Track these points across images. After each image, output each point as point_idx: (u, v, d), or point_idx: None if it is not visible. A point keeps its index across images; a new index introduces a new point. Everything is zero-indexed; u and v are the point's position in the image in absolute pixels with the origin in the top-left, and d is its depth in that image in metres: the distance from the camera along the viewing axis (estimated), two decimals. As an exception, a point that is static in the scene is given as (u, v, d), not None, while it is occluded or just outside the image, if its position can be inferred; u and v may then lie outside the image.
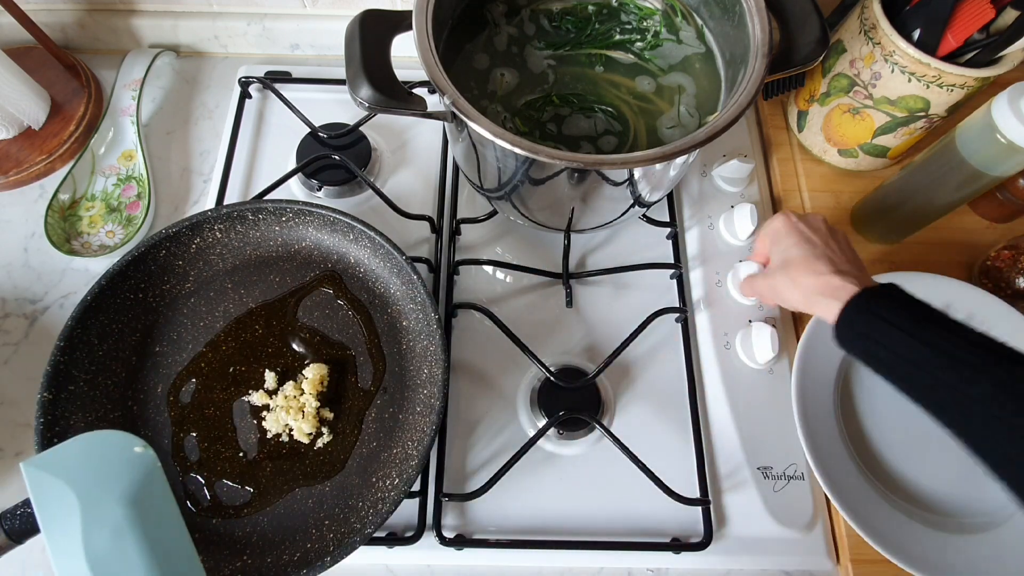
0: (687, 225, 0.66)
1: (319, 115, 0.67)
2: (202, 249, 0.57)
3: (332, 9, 0.72)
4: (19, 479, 0.54)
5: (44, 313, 0.61)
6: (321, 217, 0.56)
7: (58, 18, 0.71)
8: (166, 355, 0.55)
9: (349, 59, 0.47)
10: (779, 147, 0.71)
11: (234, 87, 0.72)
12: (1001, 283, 0.61)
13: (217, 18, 0.72)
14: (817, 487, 0.54)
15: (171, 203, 0.67)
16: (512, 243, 0.65)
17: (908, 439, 0.56)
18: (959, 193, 0.55)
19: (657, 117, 0.55)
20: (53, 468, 0.27)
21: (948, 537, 0.51)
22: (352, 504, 0.50)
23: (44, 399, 0.47)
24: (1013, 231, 0.66)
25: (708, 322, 0.61)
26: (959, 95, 0.56)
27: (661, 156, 0.45)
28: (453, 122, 0.50)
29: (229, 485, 0.51)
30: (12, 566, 0.52)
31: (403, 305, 0.57)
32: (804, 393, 0.55)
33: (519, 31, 0.58)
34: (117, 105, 0.69)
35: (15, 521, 0.45)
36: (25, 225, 0.64)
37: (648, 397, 0.59)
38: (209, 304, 0.57)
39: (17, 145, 0.66)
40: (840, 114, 0.63)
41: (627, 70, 0.57)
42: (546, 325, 0.61)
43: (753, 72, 0.48)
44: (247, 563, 0.48)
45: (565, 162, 0.44)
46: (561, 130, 0.54)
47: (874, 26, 0.56)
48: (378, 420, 0.54)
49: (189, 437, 0.52)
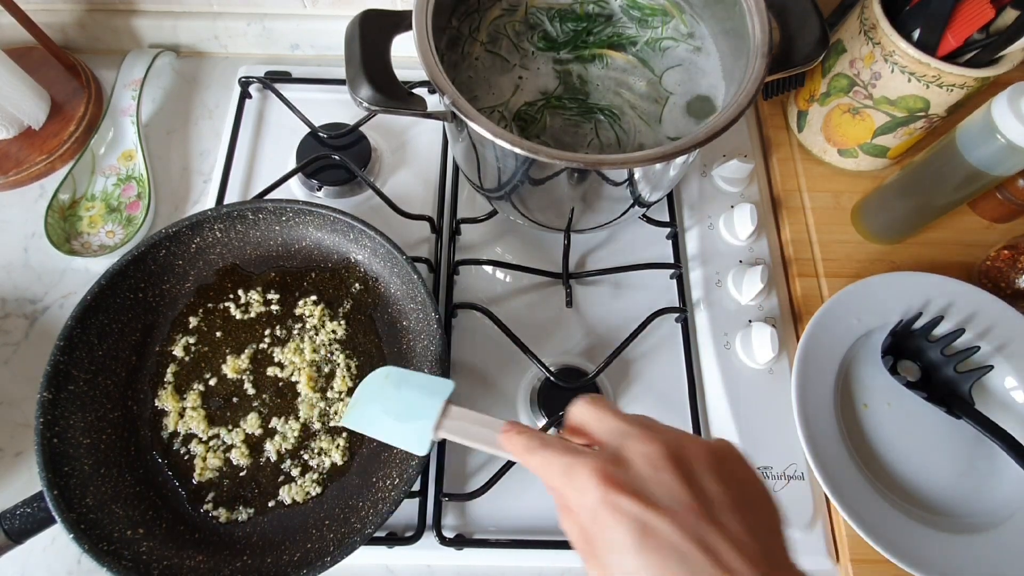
0: (687, 225, 0.66)
1: (319, 115, 0.67)
2: (202, 249, 0.57)
3: (332, 9, 0.72)
4: (19, 479, 0.55)
5: (44, 313, 0.61)
6: (321, 217, 0.56)
7: (58, 18, 0.71)
8: (166, 355, 0.55)
9: (349, 59, 0.47)
10: (779, 147, 0.71)
11: (234, 87, 0.72)
12: (1001, 283, 0.61)
13: (217, 18, 0.72)
14: (817, 487, 0.54)
15: (171, 203, 0.67)
16: (512, 243, 0.65)
17: (908, 439, 0.56)
18: (959, 193, 0.55)
19: (657, 117, 0.55)
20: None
21: (948, 537, 0.51)
22: (352, 504, 0.50)
23: (44, 399, 0.47)
24: (1013, 231, 0.66)
25: (708, 322, 0.61)
26: (959, 95, 0.56)
27: (661, 156, 0.45)
28: (453, 122, 0.50)
29: (230, 484, 0.51)
30: (12, 566, 0.52)
31: (403, 305, 0.57)
32: (804, 393, 0.55)
33: (519, 31, 0.58)
34: (117, 105, 0.69)
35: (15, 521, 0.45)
36: (25, 225, 0.64)
37: (648, 397, 0.59)
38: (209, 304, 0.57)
39: (17, 145, 0.66)
40: (840, 114, 0.63)
41: (627, 70, 0.57)
42: (546, 325, 0.61)
43: (753, 72, 0.48)
44: (247, 563, 0.48)
45: (565, 162, 0.44)
46: (561, 130, 0.54)
47: (874, 26, 0.56)
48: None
49: (190, 437, 0.52)
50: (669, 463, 0.29)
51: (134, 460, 0.51)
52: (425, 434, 0.38)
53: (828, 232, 0.65)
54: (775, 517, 0.30)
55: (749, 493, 0.30)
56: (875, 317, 0.58)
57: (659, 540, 0.26)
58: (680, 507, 0.27)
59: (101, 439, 0.50)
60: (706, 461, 0.29)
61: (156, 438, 0.52)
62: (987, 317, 0.58)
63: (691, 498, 0.28)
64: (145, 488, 0.50)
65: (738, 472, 0.30)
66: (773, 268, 0.64)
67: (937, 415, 0.56)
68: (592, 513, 0.28)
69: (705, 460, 0.29)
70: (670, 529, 0.27)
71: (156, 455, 0.52)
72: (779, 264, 0.65)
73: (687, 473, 0.29)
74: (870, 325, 0.58)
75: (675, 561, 0.26)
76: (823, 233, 0.65)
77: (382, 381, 0.42)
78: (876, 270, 0.62)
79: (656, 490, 0.28)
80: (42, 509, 0.45)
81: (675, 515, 0.27)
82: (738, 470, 0.30)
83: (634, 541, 0.27)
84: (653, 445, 0.29)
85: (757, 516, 0.29)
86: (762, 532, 0.28)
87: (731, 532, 0.27)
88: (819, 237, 0.65)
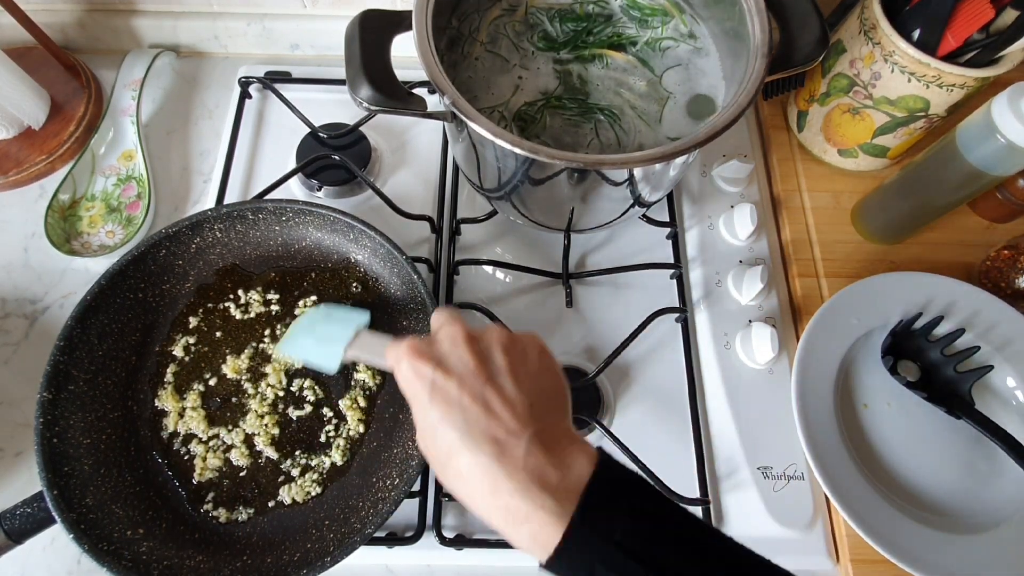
0: (687, 225, 0.66)
1: (319, 115, 0.67)
2: (202, 249, 0.57)
3: (332, 9, 0.72)
4: (19, 479, 0.55)
5: (44, 313, 0.61)
6: (321, 217, 0.56)
7: (58, 18, 0.71)
8: (166, 355, 0.55)
9: (349, 59, 0.47)
10: (779, 147, 0.71)
11: (234, 87, 0.72)
12: (1001, 283, 0.61)
13: (217, 18, 0.72)
14: (817, 487, 0.54)
15: (171, 203, 0.67)
16: (512, 243, 0.65)
17: (908, 439, 0.56)
18: (959, 193, 0.55)
19: (657, 117, 0.55)
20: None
21: (948, 537, 0.51)
22: (352, 504, 0.50)
23: (44, 399, 0.47)
24: (1013, 231, 0.66)
25: (708, 322, 0.61)
26: (959, 95, 0.56)
27: (661, 156, 0.45)
28: (453, 122, 0.50)
29: (230, 484, 0.51)
30: (12, 566, 0.52)
31: (403, 305, 0.57)
32: (804, 393, 0.55)
33: (519, 31, 0.58)
34: (117, 105, 0.69)
35: (15, 521, 0.45)
36: (25, 225, 0.64)
37: (648, 397, 0.59)
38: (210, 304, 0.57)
39: (17, 145, 0.66)
40: (840, 114, 0.63)
41: (627, 70, 0.57)
42: (546, 325, 0.61)
43: (753, 72, 0.48)
44: (247, 563, 0.48)
45: (565, 162, 0.44)
46: (561, 130, 0.54)
47: (874, 26, 0.56)
48: (378, 420, 0.54)
49: (189, 437, 0.52)
50: (466, 340, 0.35)
51: (134, 460, 0.51)
52: (336, 354, 0.44)
53: (828, 232, 0.65)
54: (556, 388, 0.36)
55: (533, 368, 0.36)
56: (875, 317, 0.58)
57: (445, 395, 0.33)
58: (467, 372, 0.34)
59: (101, 439, 0.50)
60: (499, 341, 0.36)
61: (156, 438, 0.52)
62: (987, 317, 0.58)
63: (476, 364, 0.34)
64: (145, 488, 0.50)
65: (529, 353, 0.36)
66: (773, 268, 0.64)
67: (937, 415, 0.56)
68: (403, 378, 0.36)
69: (499, 340, 0.36)
70: (454, 387, 0.33)
71: (156, 455, 0.52)
72: (779, 264, 0.65)
73: (481, 349, 0.35)
74: (870, 325, 0.58)
75: (457, 411, 0.33)
76: (823, 233, 0.65)
77: (312, 314, 0.50)
78: (876, 270, 0.62)
79: (450, 359, 0.35)
80: (42, 509, 0.45)
81: (461, 377, 0.34)
82: (530, 352, 0.36)
83: (427, 396, 0.34)
84: (456, 327, 0.36)
85: (534, 383, 0.35)
86: (534, 394, 0.34)
87: (505, 391, 0.34)
88: (819, 237, 0.65)
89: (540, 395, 0.35)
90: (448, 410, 0.33)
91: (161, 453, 0.52)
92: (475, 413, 0.33)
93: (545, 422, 0.33)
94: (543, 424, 0.33)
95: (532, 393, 0.34)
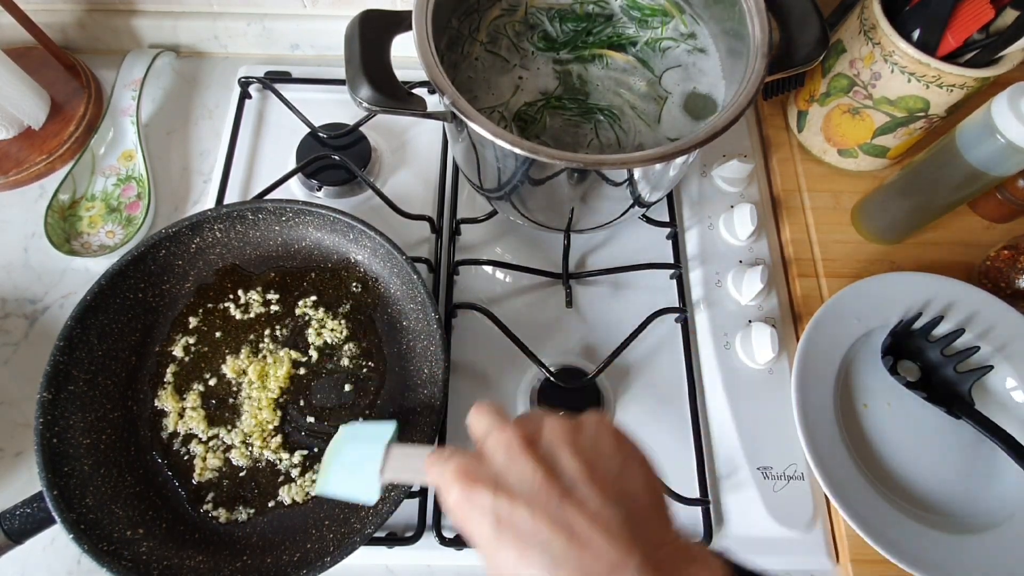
0: (687, 225, 0.66)
1: (319, 115, 0.67)
2: (202, 249, 0.57)
3: (332, 9, 0.72)
4: (19, 479, 0.55)
5: (44, 313, 0.61)
6: (321, 217, 0.56)
7: (58, 18, 0.71)
8: (166, 355, 0.55)
9: (349, 59, 0.47)
10: (779, 147, 0.71)
11: (234, 87, 0.72)
12: (1001, 283, 0.61)
13: (217, 18, 0.72)
14: (817, 487, 0.54)
15: (171, 203, 0.67)
16: (512, 243, 0.65)
17: (908, 439, 0.56)
18: (959, 193, 0.56)
19: (656, 117, 0.55)
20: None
21: (948, 537, 0.51)
22: (352, 504, 0.50)
23: (44, 399, 0.47)
24: (1013, 231, 0.66)
25: (708, 322, 0.61)
26: (959, 95, 0.56)
27: (661, 156, 0.45)
28: (453, 122, 0.50)
29: (230, 485, 0.51)
30: (12, 566, 0.52)
31: (403, 305, 0.57)
32: (804, 393, 0.55)
33: (518, 31, 0.58)
34: (117, 105, 0.69)
35: (15, 521, 0.45)
36: (25, 225, 0.64)
37: (648, 397, 0.59)
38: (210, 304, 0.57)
39: (17, 145, 0.66)
40: (840, 114, 0.63)
41: (627, 70, 0.57)
42: (546, 325, 0.61)
43: (753, 72, 0.48)
44: (247, 563, 0.48)
45: (565, 162, 0.44)
46: (561, 130, 0.54)
47: (874, 26, 0.56)
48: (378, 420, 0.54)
49: (189, 437, 0.52)
50: (523, 447, 0.28)
51: (134, 460, 0.51)
52: (372, 483, 0.39)
53: (828, 232, 0.65)
54: (648, 484, 0.29)
55: (615, 463, 0.28)
56: (875, 317, 0.58)
57: (514, 528, 0.26)
58: (534, 490, 0.26)
59: (101, 439, 0.50)
60: (562, 437, 0.28)
61: (156, 438, 0.52)
62: (987, 317, 0.58)
63: (544, 478, 0.27)
64: (145, 488, 0.50)
65: (601, 442, 0.29)
66: (773, 268, 0.64)
67: (937, 415, 0.56)
68: (458, 512, 0.28)
69: (561, 436, 0.29)
70: (525, 516, 0.26)
71: (156, 455, 0.52)
72: (779, 264, 0.65)
73: (543, 454, 0.28)
74: (870, 325, 0.58)
75: (535, 548, 0.25)
76: (823, 233, 0.65)
77: (337, 440, 0.43)
78: (876, 270, 0.62)
79: (510, 478, 0.27)
80: (42, 509, 0.45)
81: (530, 500, 0.26)
82: (602, 440, 0.29)
83: (492, 534, 0.26)
84: (506, 433, 0.29)
85: (621, 484, 0.27)
86: (626, 500, 0.27)
87: (588, 506, 0.26)
88: (819, 237, 0.65)
89: (633, 500, 0.27)
90: (524, 549, 0.25)
91: (161, 453, 0.52)
92: (560, 546, 0.25)
93: (650, 538, 0.26)
94: (648, 541, 0.26)
95: (623, 499, 0.27)
